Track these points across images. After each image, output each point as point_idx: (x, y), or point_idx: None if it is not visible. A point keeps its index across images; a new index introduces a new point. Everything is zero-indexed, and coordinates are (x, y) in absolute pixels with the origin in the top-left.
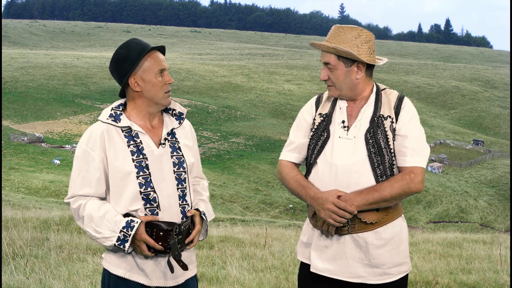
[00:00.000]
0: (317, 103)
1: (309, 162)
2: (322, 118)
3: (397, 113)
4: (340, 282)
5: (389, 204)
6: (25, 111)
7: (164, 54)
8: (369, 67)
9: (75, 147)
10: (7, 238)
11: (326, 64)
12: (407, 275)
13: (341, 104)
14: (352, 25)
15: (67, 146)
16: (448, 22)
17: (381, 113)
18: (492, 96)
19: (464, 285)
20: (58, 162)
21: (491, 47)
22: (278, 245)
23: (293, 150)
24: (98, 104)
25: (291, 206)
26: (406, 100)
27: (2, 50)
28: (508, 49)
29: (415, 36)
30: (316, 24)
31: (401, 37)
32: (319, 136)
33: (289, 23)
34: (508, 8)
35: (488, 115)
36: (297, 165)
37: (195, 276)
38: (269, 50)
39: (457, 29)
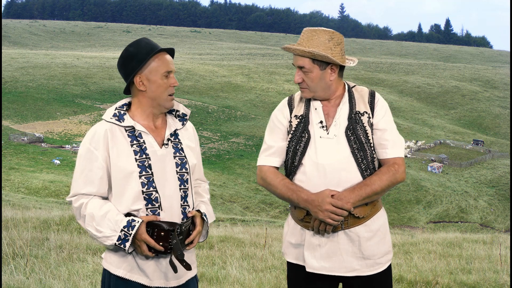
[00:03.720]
0: (290, 105)
1: (292, 165)
2: (298, 120)
3: (372, 108)
4: (333, 277)
5: (380, 196)
6: (25, 111)
7: (173, 57)
8: (341, 68)
9: (75, 147)
10: (7, 238)
11: (300, 67)
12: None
13: (316, 105)
14: (323, 28)
15: (67, 146)
16: (448, 22)
17: (357, 109)
18: (492, 96)
19: (464, 285)
20: (58, 162)
21: (491, 47)
22: (278, 245)
23: (273, 154)
24: (98, 104)
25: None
26: (378, 95)
27: (2, 50)
28: (508, 49)
29: (415, 36)
30: (316, 24)
31: (401, 37)
32: (299, 137)
33: (289, 23)
34: (508, 8)
35: (488, 115)
36: (277, 169)
37: (195, 276)
38: (269, 50)
39: (457, 29)
